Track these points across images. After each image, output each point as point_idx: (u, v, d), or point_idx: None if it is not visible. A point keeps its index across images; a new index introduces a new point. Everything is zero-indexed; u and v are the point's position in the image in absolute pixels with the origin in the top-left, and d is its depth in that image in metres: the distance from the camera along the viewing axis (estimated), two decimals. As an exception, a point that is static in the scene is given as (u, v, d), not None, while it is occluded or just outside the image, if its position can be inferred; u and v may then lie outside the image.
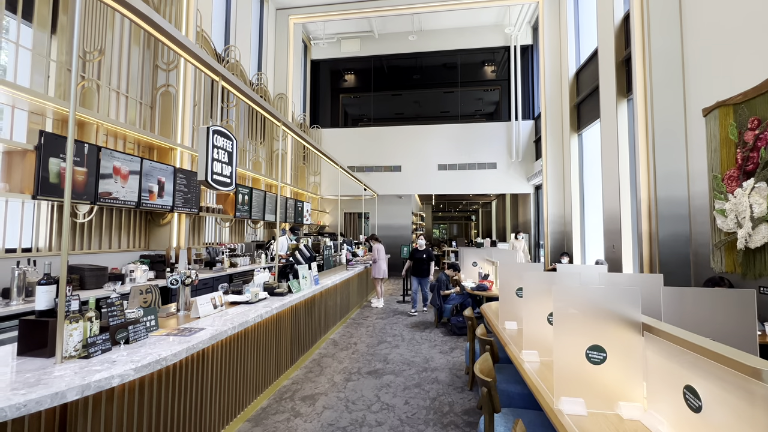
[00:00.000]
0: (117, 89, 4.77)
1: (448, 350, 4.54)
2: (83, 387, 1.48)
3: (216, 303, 2.82)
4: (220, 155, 2.81)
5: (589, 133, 7.68)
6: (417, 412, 2.92)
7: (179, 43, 2.58)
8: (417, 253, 6.77)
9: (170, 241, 5.26)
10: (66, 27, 4.09)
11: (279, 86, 9.92)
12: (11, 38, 3.64)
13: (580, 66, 7.98)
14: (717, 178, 3.76)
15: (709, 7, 4.04)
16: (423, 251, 6.71)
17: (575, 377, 1.66)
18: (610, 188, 5.85)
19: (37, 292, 1.79)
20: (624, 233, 5.52)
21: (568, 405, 1.63)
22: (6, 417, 1.29)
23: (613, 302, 1.65)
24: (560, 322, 1.70)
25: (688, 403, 1.30)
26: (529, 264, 3.39)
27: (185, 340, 2.06)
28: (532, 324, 2.37)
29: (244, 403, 2.81)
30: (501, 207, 16.71)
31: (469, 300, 5.55)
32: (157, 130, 5.33)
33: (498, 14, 11.17)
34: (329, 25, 11.49)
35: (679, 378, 1.36)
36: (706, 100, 4.03)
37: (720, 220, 3.69)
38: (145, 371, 1.72)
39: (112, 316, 1.93)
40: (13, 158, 3.42)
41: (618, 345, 1.63)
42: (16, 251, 3.62)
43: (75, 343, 1.73)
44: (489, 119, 14.65)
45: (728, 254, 3.63)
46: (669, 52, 4.55)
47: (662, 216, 4.40)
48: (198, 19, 5.94)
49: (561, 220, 8.60)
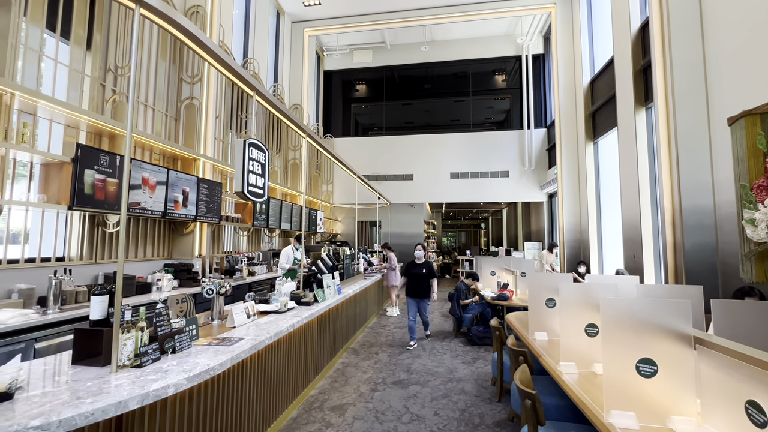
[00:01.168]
0: (144, 102, 4.90)
1: (470, 360, 4.51)
2: (143, 396, 1.52)
3: (249, 312, 2.85)
4: (255, 167, 2.87)
5: (606, 142, 7.66)
6: (448, 424, 2.91)
7: (228, 67, 2.67)
8: (414, 267, 5.34)
9: (192, 250, 5.34)
10: (99, 44, 4.24)
11: (294, 97, 10.09)
12: (50, 55, 3.78)
13: (594, 75, 8.00)
14: (745, 188, 3.72)
15: (730, 14, 4.05)
16: (422, 265, 5.33)
17: (625, 390, 1.66)
18: (630, 197, 5.81)
19: (91, 302, 1.84)
20: (645, 242, 5.47)
21: (618, 419, 1.62)
22: (76, 425, 1.33)
23: (662, 315, 1.65)
24: (609, 334, 1.70)
25: (752, 419, 1.29)
26: (557, 274, 3.38)
27: (228, 350, 2.10)
28: (568, 335, 2.36)
29: (277, 413, 2.83)
30: (512, 215, 16.63)
31: (489, 309, 5.52)
32: (181, 141, 5.45)
33: (509, 24, 11.27)
34: (342, 36, 11.70)
35: (739, 392, 1.35)
36: (730, 108, 4.01)
37: (749, 230, 3.64)
38: (197, 381, 1.76)
39: (160, 325, 1.98)
40: (50, 170, 3.54)
41: (669, 358, 1.62)
42: (51, 260, 3.71)
43: (128, 353, 1.78)
44: (500, 127, 14.68)
45: (759, 264, 3.57)
46: (691, 60, 4.55)
47: (687, 226, 4.36)
48: (221, 34, 6.11)
49: (577, 228, 8.54)
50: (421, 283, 5.27)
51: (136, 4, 1.84)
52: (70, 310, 3.19)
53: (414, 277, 5.30)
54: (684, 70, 4.56)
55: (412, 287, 5.33)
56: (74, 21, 3.93)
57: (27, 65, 3.47)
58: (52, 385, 1.56)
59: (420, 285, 5.28)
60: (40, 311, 3.07)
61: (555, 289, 2.90)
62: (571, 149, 8.70)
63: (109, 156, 3.76)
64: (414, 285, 5.31)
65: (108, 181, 3.77)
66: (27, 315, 2.86)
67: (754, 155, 3.65)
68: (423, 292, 5.31)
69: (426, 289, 5.31)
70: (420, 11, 9.78)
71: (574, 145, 8.68)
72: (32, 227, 3.60)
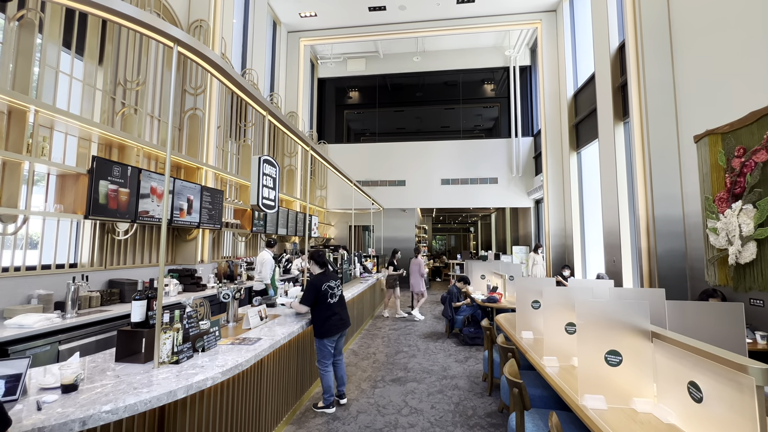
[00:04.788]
0: (151, 113, 5.09)
1: (463, 359, 4.81)
2: (188, 387, 1.76)
3: (262, 315, 3.10)
4: (267, 181, 3.13)
5: (588, 152, 8.11)
6: (444, 416, 3.19)
7: (247, 92, 2.92)
8: (329, 286, 3.60)
9: (195, 256, 5.53)
10: (110, 59, 4.44)
11: (290, 104, 10.32)
12: (65, 70, 3.96)
13: (577, 88, 8.46)
14: (709, 200, 4.13)
15: (696, 42, 4.48)
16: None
17: (596, 377, 1.97)
18: (610, 205, 6.23)
19: (132, 307, 2.07)
20: (624, 248, 5.88)
21: (591, 401, 1.93)
22: (137, 410, 1.57)
23: (626, 314, 1.97)
24: (583, 331, 2.01)
25: (692, 396, 1.61)
26: (542, 279, 3.71)
27: (251, 348, 2.34)
28: (551, 333, 2.68)
29: (288, 407, 3.07)
30: (501, 219, 17.10)
31: (479, 311, 5.84)
32: (184, 150, 5.65)
33: (497, 37, 11.74)
34: (336, 46, 11.99)
35: (684, 375, 1.67)
36: (697, 127, 4.44)
37: (713, 238, 4.05)
38: (229, 375, 2.00)
39: (191, 327, 2.21)
40: (65, 181, 3.72)
41: (631, 349, 1.95)
42: (64, 266, 3.88)
43: (167, 351, 2.01)
44: (488, 134, 15.15)
45: (721, 269, 3.98)
46: (662, 82, 4.98)
47: (660, 233, 4.76)
48: (222, 46, 6.32)
49: (562, 233, 8.97)
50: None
51: (174, 43, 2.10)
52: (86, 315, 3.37)
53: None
54: (656, 90, 4.99)
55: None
56: (88, 37, 4.12)
57: (45, 81, 3.65)
58: (107, 378, 1.79)
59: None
60: (60, 315, 3.24)
61: (540, 292, 3.23)
62: (556, 158, 9.15)
63: (121, 167, 3.96)
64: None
65: (120, 191, 3.96)
66: (51, 319, 3.04)
67: (716, 170, 4.07)
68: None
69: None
70: (412, 24, 10.16)
71: (559, 154, 9.13)
72: (47, 235, 3.76)
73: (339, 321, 3.31)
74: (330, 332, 3.23)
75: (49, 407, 1.46)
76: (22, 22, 3.33)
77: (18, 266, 3.37)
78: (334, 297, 3.35)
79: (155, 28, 1.98)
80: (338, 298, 3.42)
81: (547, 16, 9.63)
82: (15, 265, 3.34)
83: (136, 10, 1.92)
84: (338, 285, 3.46)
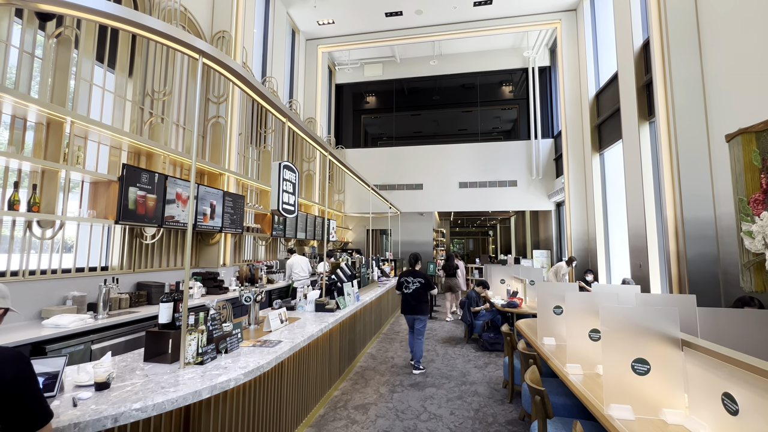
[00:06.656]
0: (176, 122, 5.29)
1: (482, 365, 4.73)
2: (212, 387, 1.82)
3: (282, 318, 3.15)
4: (288, 186, 3.19)
5: (611, 153, 7.88)
6: (463, 422, 3.15)
7: (273, 104, 3.00)
8: (407, 280, 4.70)
9: (218, 259, 5.68)
10: (139, 71, 4.65)
11: (308, 110, 10.50)
12: (98, 83, 4.18)
13: (599, 88, 8.25)
14: (743, 201, 3.94)
15: (726, 34, 4.29)
16: (419, 276, 4.69)
17: (622, 386, 1.90)
18: (635, 208, 6.02)
19: (160, 308, 2.15)
20: (651, 252, 5.66)
21: (617, 411, 1.87)
22: (164, 409, 1.62)
23: (655, 321, 1.90)
24: (608, 338, 1.95)
25: (727, 408, 1.54)
26: (564, 284, 3.62)
27: (272, 350, 2.39)
28: (574, 340, 2.61)
29: (307, 410, 3.10)
30: (521, 223, 16.79)
31: (499, 316, 5.74)
32: (207, 157, 5.83)
33: (515, 38, 11.60)
34: (354, 52, 12.14)
35: (718, 386, 1.60)
36: (728, 125, 4.24)
37: (748, 242, 3.85)
38: (251, 376, 2.05)
39: (215, 328, 2.28)
40: (98, 188, 3.90)
41: (660, 358, 1.87)
42: (96, 269, 4.06)
43: (192, 352, 2.08)
44: (507, 136, 14.95)
45: (757, 274, 3.77)
46: (690, 79, 4.79)
47: (690, 236, 4.56)
48: (244, 56, 6.51)
49: (585, 237, 8.72)
50: (420, 297, 4.67)
51: (199, 55, 2.18)
52: (116, 316, 3.52)
53: (408, 293, 4.71)
54: (683, 88, 4.81)
55: (408, 304, 4.70)
56: (119, 51, 4.34)
57: (80, 94, 3.86)
58: (136, 377, 1.86)
59: (414, 302, 4.68)
60: (93, 316, 3.40)
61: (562, 298, 3.15)
62: (577, 160, 8.93)
63: (149, 174, 4.12)
64: (409, 301, 4.71)
65: (148, 197, 4.13)
66: (84, 320, 3.18)
67: (750, 171, 3.87)
68: (419, 309, 4.64)
69: (422, 306, 4.66)
70: (429, 28, 10.17)
71: (580, 156, 8.90)
72: (81, 239, 3.96)
73: (406, 305, 4.72)
74: (402, 310, 4.76)
75: (83, 403, 1.54)
76: (60, 39, 3.53)
77: (54, 269, 3.55)
78: (408, 289, 4.70)
79: (182, 41, 2.07)
80: (411, 290, 4.69)
81: (567, 16, 9.45)
82: (52, 267, 3.52)
83: (164, 24, 2.01)
84: (414, 281, 4.71)
